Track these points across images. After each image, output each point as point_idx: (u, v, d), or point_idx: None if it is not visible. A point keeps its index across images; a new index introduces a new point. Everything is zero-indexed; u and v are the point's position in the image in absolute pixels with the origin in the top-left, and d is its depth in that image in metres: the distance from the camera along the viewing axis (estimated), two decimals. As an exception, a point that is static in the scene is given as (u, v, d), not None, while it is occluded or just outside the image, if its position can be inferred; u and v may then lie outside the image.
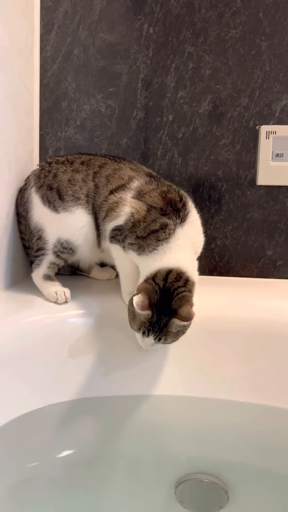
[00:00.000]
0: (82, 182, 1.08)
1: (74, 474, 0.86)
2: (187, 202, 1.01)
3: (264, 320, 1.08)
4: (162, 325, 0.91)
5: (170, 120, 1.30)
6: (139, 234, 0.99)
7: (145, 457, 0.94)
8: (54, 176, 1.09)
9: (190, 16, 1.26)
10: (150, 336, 0.92)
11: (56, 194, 1.08)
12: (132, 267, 1.06)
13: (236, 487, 0.84)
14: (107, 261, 1.20)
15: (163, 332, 0.92)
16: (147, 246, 0.97)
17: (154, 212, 0.99)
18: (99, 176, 1.08)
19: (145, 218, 0.99)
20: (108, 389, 1.04)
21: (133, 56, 1.28)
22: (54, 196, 1.08)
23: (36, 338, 0.99)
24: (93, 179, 1.08)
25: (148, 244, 0.97)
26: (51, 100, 1.31)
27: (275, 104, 1.27)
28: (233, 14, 1.25)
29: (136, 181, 1.05)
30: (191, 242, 1.00)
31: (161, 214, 0.98)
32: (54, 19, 1.28)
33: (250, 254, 1.33)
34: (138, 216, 0.99)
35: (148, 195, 1.02)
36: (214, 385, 1.06)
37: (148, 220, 0.98)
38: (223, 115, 1.29)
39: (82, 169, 1.10)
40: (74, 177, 1.08)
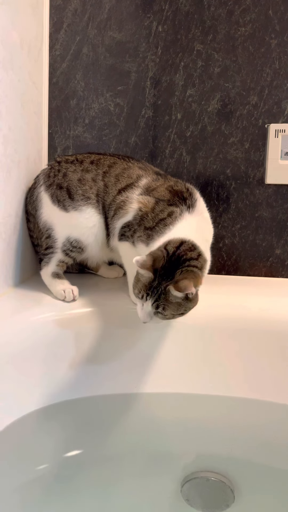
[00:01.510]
0: (92, 181, 1.09)
1: (81, 473, 0.87)
2: (193, 192, 1.02)
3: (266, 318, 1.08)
4: (161, 291, 0.87)
5: (179, 118, 1.30)
6: (148, 225, 0.99)
7: (152, 455, 0.94)
8: (64, 175, 1.10)
9: (199, 14, 1.25)
10: (149, 300, 0.88)
11: (66, 193, 1.08)
12: None
13: (243, 485, 0.84)
14: (116, 260, 1.20)
15: (161, 299, 0.88)
16: (156, 233, 0.97)
17: (162, 204, 1.00)
18: (108, 175, 1.09)
19: (153, 210, 1.00)
20: (116, 387, 1.05)
21: (142, 54, 1.28)
22: (64, 195, 1.09)
23: (44, 335, 1.00)
24: (103, 178, 1.09)
25: (157, 231, 0.97)
26: (60, 99, 1.32)
27: (285, 102, 1.26)
28: (242, 12, 1.24)
29: (144, 179, 1.06)
30: (201, 228, 1.00)
31: (169, 204, 0.99)
32: (64, 17, 1.29)
33: (258, 253, 1.33)
34: (146, 209, 1.01)
35: (156, 190, 1.03)
36: (220, 383, 1.06)
37: (156, 211, 0.99)
38: (232, 114, 1.28)
39: (91, 168, 1.10)
40: (84, 177, 1.09)
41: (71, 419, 1.00)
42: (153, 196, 1.02)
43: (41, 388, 0.99)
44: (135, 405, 1.05)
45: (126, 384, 1.05)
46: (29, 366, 0.97)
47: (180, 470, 0.88)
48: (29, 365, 0.97)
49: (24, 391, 0.96)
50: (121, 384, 1.05)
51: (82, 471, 0.87)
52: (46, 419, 0.97)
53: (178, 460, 0.93)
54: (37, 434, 0.94)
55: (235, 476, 0.86)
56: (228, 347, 1.08)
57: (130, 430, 0.99)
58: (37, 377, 0.98)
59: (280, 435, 0.98)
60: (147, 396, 1.05)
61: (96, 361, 1.05)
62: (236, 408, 1.04)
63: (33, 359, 0.98)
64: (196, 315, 1.02)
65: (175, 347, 1.08)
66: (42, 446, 0.92)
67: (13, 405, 0.93)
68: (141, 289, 0.90)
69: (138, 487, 0.85)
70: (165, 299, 0.88)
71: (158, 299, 0.88)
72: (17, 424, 0.92)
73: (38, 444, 0.92)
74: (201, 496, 0.82)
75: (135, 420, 1.01)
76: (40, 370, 0.99)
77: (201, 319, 1.09)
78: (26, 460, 0.87)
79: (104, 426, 0.98)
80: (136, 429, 0.99)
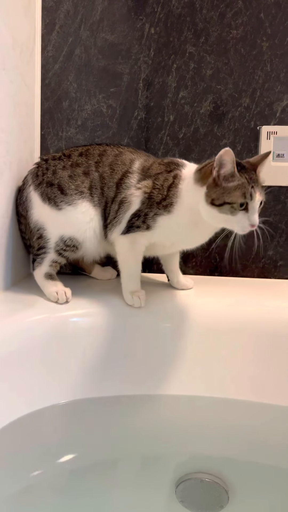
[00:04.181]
0: (84, 175, 1.08)
1: (76, 478, 0.86)
2: (180, 160, 1.08)
3: (265, 320, 1.09)
4: (256, 179, 0.95)
5: (171, 120, 1.30)
6: (159, 198, 1.01)
7: (146, 457, 0.94)
8: (54, 173, 1.09)
9: (192, 17, 1.26)
10: (257, 193, 0.93)
11: (58, 190, 1.07)
12: (136, 264, 1.07)
13: (237, 486, 0.84)
14: (114, 255, 1.19)
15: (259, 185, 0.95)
16: (173, 196, 1.00)
17: (162, 175, 1.03)
18: (102, 165, 1.08)
19: (156, 185, 1.02)
20: (109, 389, 1.04)
21: (134, 56, 1.29)
22: (55, 191, 1.07)
23: (37, 338, 0.99)
24: (96, 169, 1.08)
25: (171, 195, 1.00)
26: (53, 100, 1.31)
27: (276, 105, 1.27)
28: (234, 15, 1.25)
29: (137, 162, 1.08)
30: None
31: (168, 171, 1.04)
32: (56, 19, 1.28)
33: (251, 255, 1.33)
34: (149, 189, 1.03)
35: (151, 168, 1.06)
36: (213, 384, 1.06)
37: (160, 183, 1.02)
38: (224, 115, 1.29)
39: (81, 161, 1.10)
40: (74, 172, 1.08)
41: (64, 423, 0.99)
42: (151, 173, 1.05)
43: (33, 392, 0.98)
44: (129, 407, 1.04)
45: (120, 386, 1.05)
46: (21, 370, 0.96)
47: (174, 471, 0.88)
48: (20, 368, 0.96)
49: (15, 395, 0.95)
50: (114, 386, 1.05)
51: (76, 476, 0.87)
52: (38, 423, 0.96)
53: (172, 462, 0.92)
54: (30, 439, 0.93)
55: (229, 477, 0.86)
56: (221, 348, 1.08)
57: (123, 433, 0.98)
58: (29, 381, 0.98)
59: (273, 435, 0.99)
60: (141, 398, 1.05)
61: (89, 364, 1.05)
62: (228, 409, 1.04)
63: (25, 362, 0.97)
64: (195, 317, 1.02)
65: (169, 349, 1.08)
66: (35, 451, 0.91)
67: (4, 410, 0.92)
68: (244, 191, 0.92)
69: (132, 489, 0.85)
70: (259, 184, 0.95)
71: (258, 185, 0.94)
72: (9, 429, 0.91)
73: (31, 450, 0.91)
74: (195, 497, 0.82)
75: (129, 422, 1.01)
76: (32, 373, 0.98)
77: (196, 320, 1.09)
78: (19, 466, 0.86)
79: (98, 429, 0.98)
80: (130, 431, 0.99)
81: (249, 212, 0.92)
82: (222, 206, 0.93)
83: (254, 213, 0.93)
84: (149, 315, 1.08)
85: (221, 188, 0.93)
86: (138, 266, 1.08)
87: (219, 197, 0.93)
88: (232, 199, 0.92)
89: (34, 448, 0.91)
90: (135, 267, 1.07)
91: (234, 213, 0.92)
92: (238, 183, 0.92)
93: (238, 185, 0.92)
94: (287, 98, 1.27)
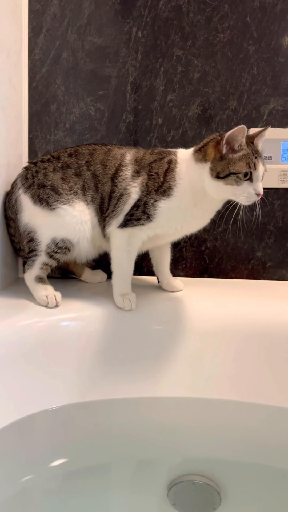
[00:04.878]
0: (76, 177, 1.08)
1: (67, 482, 0.86)
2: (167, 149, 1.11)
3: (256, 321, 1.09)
4: (256, 148, 0.99)
5: (160, 123, 1.30)
6: (156, 185, 1.03)
7: (138, 461, 0.94)
8: (45, 175, 1.09)
9: (179, 20, 1.27)
10: (260, 163, 0.97)
11: (51, 190, 1.07)
12: (129, 262, 1.06)
13: (229, 487, 0.85)
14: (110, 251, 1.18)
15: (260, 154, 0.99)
16: (171, 180, 1.03)
17: (155, 164, 1.05)
18: (93, 163, 1.09)
19: (151, 174, 1.04)
20: (100, 393, 1.04)
21: (122, 59, 1.29)
22: (48, 192, 1.07)
23: (27, 342, 0.99)
24: (88, 168, 1.09)
25: (169, 180, 1.03)
26: (40, 103, 1.31)
27: (263, 107, 1.28)
28: (221, 18, 1.26)
29: (128, 155, 1.09)
30: None
31: (161, 159, 1.06)
32: (43, 22, 1.28)
33: (240, 256, 1.34)
34: (146, 180, 1.04)
35: (143, 158, 1.08)
36: (204, 386, 1.07)
37: (155, 170, 1.04)
38: (212, 118, 1.30)
39: (72, 162, 1.09)
40: (66, 174, 1.08)
41: (56, 428, 0.99)
42: (144, 164, 1.07)
43: (24, 397, 0.97)
44: (120, 411, 1.04)
45: (111, 390, 1.05)
46: (11, 375, 0.96)
47: (166, 474, 0.88)
48: (11, 373, 0.96)
49: (6, 400, 0.94)
50: (105, 390, 1.04)
51: (68, 480, 0.86)
52: (30, 429, 0.95)
53: (164, 465, 0.92)
54: (21, 444, 0.93)
55: (221, 478, 0.86)
56: (212, 349, 1.08)
57: (115, 437, 0.98)
58: (19, 386, 0.97)
59: (264, 435, 0.99)
60: (132, 402, 1.05)
61: (80, 368, 1.04)
62: (219, 411, 1.05)
63: (15, 367, 0.96)
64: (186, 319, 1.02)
65: (160, 351, 1.09)
66: (26, 456, 0.90)
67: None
68: (248, 161, 0.95)
69: (124, 493, 0.85)
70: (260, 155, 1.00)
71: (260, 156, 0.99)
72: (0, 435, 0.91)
73: (23, 455, 0.90)
74: (188, 500, 0.82)
75: (120, 426, 1.01)
76: (23, 378, 0.98)
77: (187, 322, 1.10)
78: (10, 472, 0.86)
79: (89, 434, 0.98)
80: (121, 435, 0.99)
81: (253, 182, 0.97)
82: (227, 178, 0.97)
83: (258, 182, 0.97)
84: (140, 318, 1.08)
85: (227, 160, 0.97)
86: (131, 265, 1.07)
87: (224, 169, 0.97)
88: (237, 169, 0.96)
89: (25, 453, 0.91)
90: (128, 265, 1.07)
91: (239, 183, 0.96)
92: (244, 153, 0.96)
93: (243, 155, 0.96)
94: (274, 101, 1.28)
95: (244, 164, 0.96)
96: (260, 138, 1.01)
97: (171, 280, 1.20)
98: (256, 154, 0.98)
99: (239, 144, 0.96)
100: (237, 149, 0.96)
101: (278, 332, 1.07)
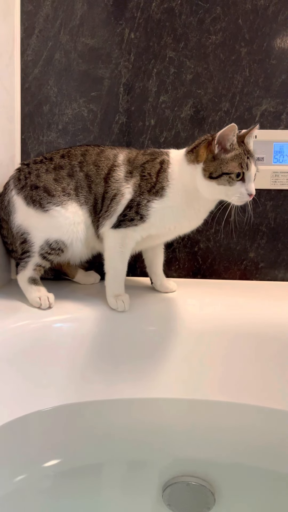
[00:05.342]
0: (69, 177, 1.08)
1: (61, 483, 0.85)
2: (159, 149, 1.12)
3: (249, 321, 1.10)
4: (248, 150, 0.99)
5: (152, 124, 1.31)
6: (149, 186, 1.04)
7: (132, 462, 0.94)
8: (37, 176, 1.08)
9: (171, 22, 1.27)
10: (252, 163, 0.98)
11: (44, 192, 1.07)
12: (123, 262, 1.06)
13: (223, 488, 0.85)
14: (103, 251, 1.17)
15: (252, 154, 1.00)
16: (163, 180, 1.03)
17: (147, 164, 1.06)
18: (86, 164, 1.09)
19: (144, 175, 1.04)
20: (93, 394, 1.04)
21: (114, 60, 1.29)
22: (40, 194, 1.07)
23: (20, 344, 0.98)
24: (81, 169, 1.08)
25: (161, 180, 1.03)
26: (33, 104, 1.30)
27: (255, 109, 1.29)
28: (213, 20, 1.27)
29: (120, 155, 1.10)
30: None
31: (153, 160, 1.06)
32: (35, 23, 1.28)
33: (232, 257, 1.35)
34: (138, 181, 1.05)
35: (136, 159, 1.09)
36: (198, 387, 1.07)
37: (148, 170, 1.05)
38: (205, 120, 1.30)
39: (64, 163, 1.09)
40: (59, 175, 1.08)
41: (49, 428, 0.98)
42: (137, 164, 1.07)
43: (17, 398, 0.97)
44: (113, 411, 1.04)
45: (104, 391, 1.05)
46: (4, 376, 0.95)
47: (160, 475, 0.88)
48: (4, 375, 0.95)
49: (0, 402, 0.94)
50: (98, 391, 1.04)
51: (61, 481, 0.86)
52: (23, 429, 0.95)
53: (158, 466, 0.92)
54: (14, 445, 0.93)
55: (215, 479, 0.87)
56: (206, 350, 1.09)
57: (108, 437, 0.98)
58: (13, 387, 0.97)
59: (257, 437, 1.00)
60: (125, 403, 1.05)
61: (73, 369, 1.04)
62: (213, 412, 1.05)
63: (9, 369, 0.96)
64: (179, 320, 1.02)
65: (154, 352, 1.09)
66: (19, 456, 0.90)
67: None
68: (240, 161, 0.96)
69: (119, 494, 0.85)
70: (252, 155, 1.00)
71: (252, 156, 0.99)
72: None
73: (15, 455, 0.90)
74: (182, 501, 0.83)
75: (114, 427, 1.01)
76: (16, 379, 0.97)
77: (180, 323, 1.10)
78: (3, 472, 0.85)
79: (83, 434, 0.97)
80: (115, 436, 0.98)
81: (245, 182, 0.97)
82: (220, 178, 0.97)
83: (250, 183, 0.98)
84: (133, 319, 1.08)
85: (219, 160, 0.97)
86: (124, 266, 1.07)
87: (216, 169, 0.97)
88: (230, 169, 0.96)
89: (18, 454, 0.90)
90: (121, 266, 1.07)
91: (232, 183, 0.97)
92: (236, 153, 0.97)
93: (235, 155, 0.97)
94: (266, 103, 1.29)
95: (237, 164, 0.96)
96: (250, 136, 1.02)
97: (164, 281, 1.20)
98: (248, 154, 0.98)
99: (230, 143, 0.97)
100: (229, 148, 0.97)
101: (270, 333, 1.08)
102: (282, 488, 0.87)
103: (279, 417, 1.02)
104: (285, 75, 1.28)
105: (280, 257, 1.35)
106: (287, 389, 1.05)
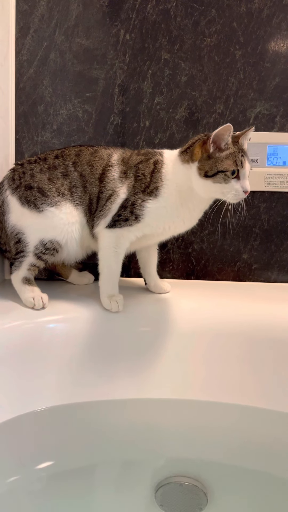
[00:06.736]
0: (63, 177, 1.08)
1: (54, 485, 0.85)
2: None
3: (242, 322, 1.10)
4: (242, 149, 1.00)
5: (147, 125, 1.31)
6: (143, 186, 1.04)
7: (124, 463, 0.94)
8: (32, 176, 1.08)
9: (166, 24, 1.28)
10: (246, 161, 0.99)
11: (38, 192, 1.06)
12: (117, 262, 1.06)
13: (215, 488, 0.85)
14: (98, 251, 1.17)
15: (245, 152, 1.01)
16: (157, 180, 1.04)
17: (141, 165, 1.06)
18: (80, 164, 1.09)
19: (138, 176, 1.05)
20: (86, 394, 1.04)
21: (109, 61, 1.29)
22: (35, 194, 1.06)
23: (13, 344, 0.98)
24: (75, 169, 1.09)
25: (155, 180, 1.04)
26: (27, 104, 1.30)
27: (250, 111, 1.30)
28: (208, 23, 1.27)
29: (115, 155, 1.10)
30: None
31: (147, 160, 1.07)
32: (30, 23, 1.28)
33: (226, 258, 1.36)
34: (133, 182, 1.05)
35: (130, 158, 1.09)
36: (192, 387, 1.07)
37: (142, 171, 1.05)
38: (199, 121, 1.31)
39: (58, 163, 1.09)
40: (53, 175, 1.08)
41: (42, 429, 0.98)
42: (131, 164, 1.07)
43: (10, 399, 0.97)
44: (106, 412, 1.04)
45: (98, 392, 1.05)
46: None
47: (153, 476, 0.88)
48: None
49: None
50: (92, 392, 1.04)
51: (54, 482, 0.86)
52: (16, 430, 0.95)
53: (150, 466, 0.93)
54: (7, 446, 0.92)
55: (208, 479, 0.87)
56: (200, 351, 1.09)
57: (101, 438, 0.98)
58: (5, 387, 0.96)
59: (250, 437, 1.00)
60: (118, 403, 1.05)
61: (67, 370, 1.04)
62: (206, 412, 1.05)
63: (2, 369, 0.96)
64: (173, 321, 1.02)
65: (148, 353, 1.09)
66: (12, 458, 0.90)
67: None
68: (235, 160, 0.97)
69: (111, 495, 0.85)
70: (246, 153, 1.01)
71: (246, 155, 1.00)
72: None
73: (8, 456, 0.90)
74: (175, 501, 0.83)
75: (107, 427, 1.01)
76: (9, 380, 0.97)
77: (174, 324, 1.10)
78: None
79: (76, 435, 0.97)
80: (108, 436, 0.98)
81: (240, 179, 0.98)
82: (215, 176, 0.98)
83: (245, 180, 0.99)
84: (127, 320, 1.08)
85: (214, 159, 0.98)
86: (118, 266, 1.08)
87: (212, 168, 0.98)
88: (225, 167, 0.97)
89: (11, 455, 0.90)
90: (116, 266, 1.07)
91: (227, 181, 0.97)
92: (230, 151, 0.98)
93: (230, 153, 0.98)
94: (260, 105, 1.30)
95: (232, 162, 0.97)
96: (244, 137, 1.03)
97: (158, 282, 1.20)
98: (242, 152, 0.99)
99: (225, 143, 0.98)
100: (224, 147, 0.98)
101: (263, 333, 1.08)
102: (274, 488, 0.88)
103: (272, 417, 1.03)
104: (279, 78, 1.29)
105: (273, 258, 1.35)
106: (280, 389, 1.05)
